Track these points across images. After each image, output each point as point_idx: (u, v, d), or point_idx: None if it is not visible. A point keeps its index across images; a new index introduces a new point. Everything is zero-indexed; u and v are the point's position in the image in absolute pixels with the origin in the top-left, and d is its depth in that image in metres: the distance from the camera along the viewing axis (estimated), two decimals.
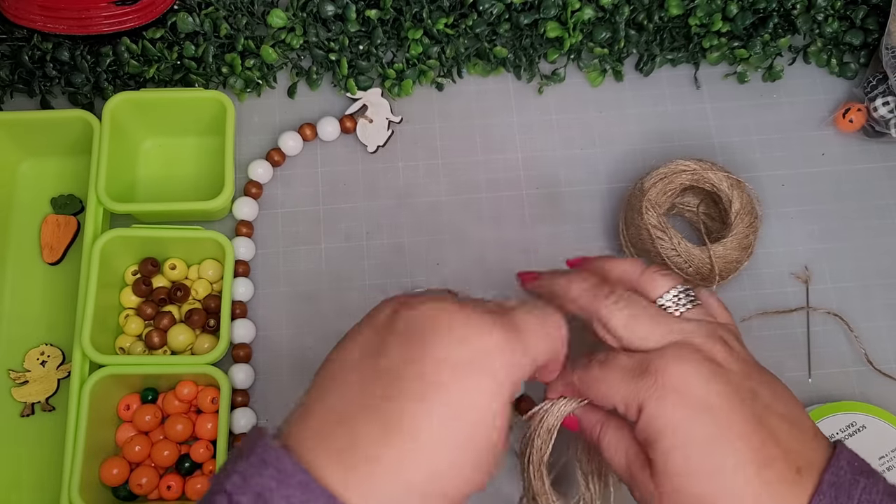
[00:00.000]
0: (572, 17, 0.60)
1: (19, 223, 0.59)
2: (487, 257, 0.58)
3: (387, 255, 0.59)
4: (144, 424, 0.53)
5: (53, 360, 0.56)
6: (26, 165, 0.60)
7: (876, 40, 0.61)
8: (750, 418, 0.35)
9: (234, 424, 0.53)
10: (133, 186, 0.60)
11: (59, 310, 0.57)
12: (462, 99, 0.63)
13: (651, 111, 0.62)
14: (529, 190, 0.60)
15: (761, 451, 0.34)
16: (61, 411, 0.54)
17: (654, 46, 0.62)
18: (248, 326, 0.56)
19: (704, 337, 0.37)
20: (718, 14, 0.60)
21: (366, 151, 0.61)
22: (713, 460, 0.34)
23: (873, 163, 0.61)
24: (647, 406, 0.35)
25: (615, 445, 0.38)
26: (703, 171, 0.54)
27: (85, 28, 0.58)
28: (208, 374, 0.52)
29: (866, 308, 0.57)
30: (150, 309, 0.56)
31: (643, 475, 0.36)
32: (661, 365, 0.36)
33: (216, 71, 0.61)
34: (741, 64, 0.62)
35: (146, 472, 0.52)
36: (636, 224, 0.54)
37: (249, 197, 0.59)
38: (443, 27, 0.60)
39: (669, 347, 0.37)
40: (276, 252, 0.59)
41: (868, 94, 0.60)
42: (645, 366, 0.36)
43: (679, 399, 0.35)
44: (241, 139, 0.61)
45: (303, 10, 0.61)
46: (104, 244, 0.53)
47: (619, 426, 0.38)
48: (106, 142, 0.55)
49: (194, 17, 0.60)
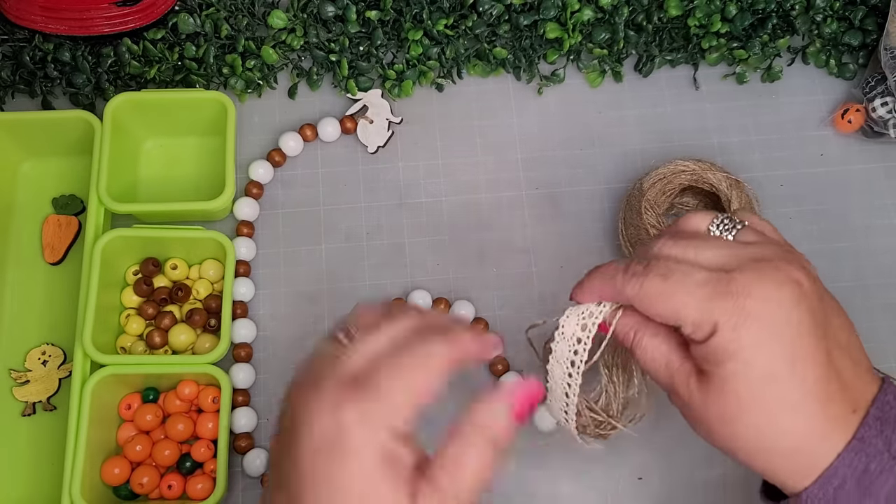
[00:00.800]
0: (572, 17, 0.60)
1: (21, 223, 0.59)
2: (487, 257, 0.59)
3: (387, 255, 0.59)
4: (145, 424, 0.53)
5: (55, 359, 0.56)
6: (28, 166, 0.60)
7: (874, 41, 0.61)
8: (822, 352, 0.33)
9: (234, 424, 0.53)
10: (134, 187, 0.60)
11: (60, 310, 0.57)
12: (462, 100, 0.63)
13: (650, 112, 0.62)
14: (529, 190, 0.60)
15: (827, 386, 0.33)
16: (62, 411, 0.55)
17: (654, 47, 0.62)
18: (249, 326, 0.56)
19: (781, 257, 0.35)
20: (717, 15, 0.60)
21: (366, 152, 0.61)
22: (780, 391, 0.33)
23: (872, 163, 0.61)
24: (722, 328, 0.33)
25: (653, 352, 0.36)
26: (702, 172, 0.54)
27: (86, 29, 0.59)
28: (209, 373, 0.52)
29: (866, 308, 0.57)
30: (152, 309, 0.56)
31: (689, 385, 0.35)
32: (743, 284, 0.33)
33: (217, 71, 0.61)
34: (740, 64, 0.62)
35: (147, 471, 0.52)
36: (635, 224, 0.54)
37: (250, 197, 0.59)
38: (443, 28, 0.60)
39: (749, 265, 0.34)
40: (276, 252, 0.59)
41: (867, 95, 0.60)
42: (725, 285, 0.33)
43: (760, 326, 0.33)
44: (242, 139, 0.61)
45: (303, 11, 0.61)
46: (105, 244, 0.53)
47: (656, 333, 0.36)
48: (107, 142, 0.55)
49: (195, 18, 0.60)
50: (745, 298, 0.33)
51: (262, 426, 0.55)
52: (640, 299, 0.35)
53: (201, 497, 0.51)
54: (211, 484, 0.52)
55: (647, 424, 0.54)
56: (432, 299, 0.57)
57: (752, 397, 0.33)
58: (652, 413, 0.39)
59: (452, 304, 0.57)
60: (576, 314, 0.38)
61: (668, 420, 0.54)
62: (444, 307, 0.56)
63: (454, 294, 0.57)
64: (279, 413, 0.34)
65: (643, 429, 0.54)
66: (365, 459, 0.30)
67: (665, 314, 0.34)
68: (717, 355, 0.33)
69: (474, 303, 0.57)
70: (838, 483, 0.33)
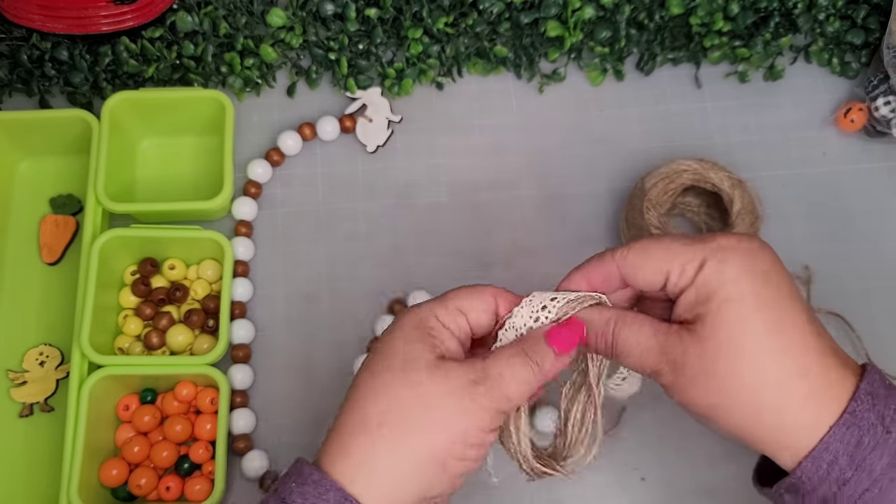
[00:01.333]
0: (573, 16, 0.60)
1: (18, 223, 0.59)
2: (487, 257, 0.58)
3: (386, 255, 0.58)
4: (143, 425, 0.53)
5: (52, 360, 0.56)
6: (25, 165, 0.60)
7: (877, 40, 0.61)
8: (807, 311, 0.34)
9: (233, 425, 0.53)
10: (132, 186, 0.60)
11: (57, 310, 0.57)
12: (462, 98, 0.62)
13: (652, 110, 0.62)
14: (530, 190, 0.60)
15: (821, 338, 0.34)
16: (60, 412, 0.54)
17: (655, 45, 0.62)
18: (248, 327, 0.56)
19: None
20: (719, 13, 0.60)
21: (365, 151, 0.61)
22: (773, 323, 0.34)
23: (874, 162, 0.61)
24: (709, 261, 0.34)
25: (636, 335, 0.36)
26: (704, 171, 0.54)
27: (84, 27, 0.58)
28: (207, 374, 0.52)
29: (867, 308, 0.57)
30: (149, 309, 0.55)
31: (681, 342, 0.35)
32: (725, 237, 0.35)
33: (215, 70, 0.61)
34: (742, 63, 0.62)
35: (145, 472, 0.52)
36: (637, 224, 0.54)
37: (249, 197, 0.59)
38: (443, 26, 0.60)
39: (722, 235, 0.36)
40: (275, 252, 0.59)
41: (869, 94, 0.59)
42: (707, 238, 0.36)
43: (745, 258, 0.34)
44: (241, 139, 0.61)
45: (302, 9, 0.61)
46: (103, 244, 0.53)
47: (634, 319, 0.37)
48: (105, 141, 0.55)
49: (193, 17, 0.60)
50: (727, 241, 0.35)
51: (260, 427, 0.54)
52: (629, 261, 0.37)
53: (199, 499, 0.51)
54: (209, 485, 0.51)
55: (650, 425, 0.54)
56: None
57: (745, 326, 0.34)
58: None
59: None
60: (529, 306, 0.38)
61: (670, 421, 0.54)
62: None
63: None
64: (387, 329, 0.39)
65: (646, 429, 0.54)
66: (405, 325, 0.37)
67: (654, 266, 0.36)
68: (707, 288, 0.34)
69: None
70: (831, 458, 0.33)
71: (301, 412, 0.55)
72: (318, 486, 0.34)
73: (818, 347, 0.34)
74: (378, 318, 0.56)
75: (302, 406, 0.55)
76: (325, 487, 0.34)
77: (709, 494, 0.53)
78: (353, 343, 0.56)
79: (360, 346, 0.56)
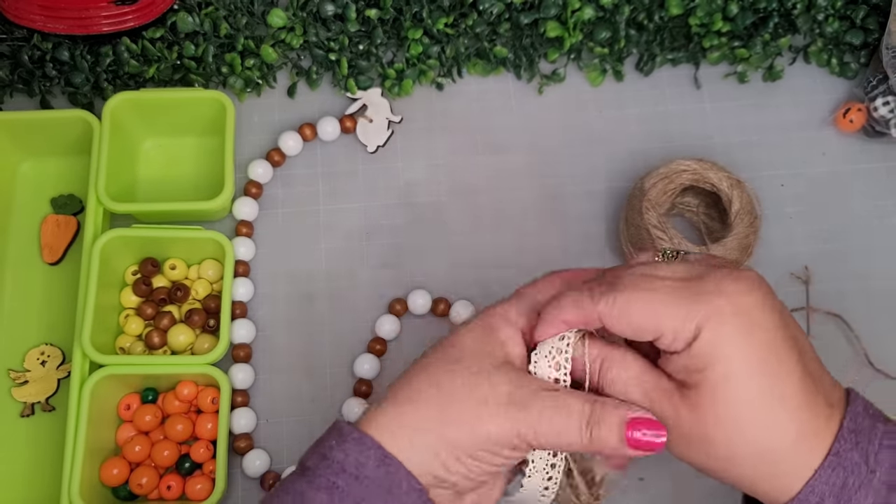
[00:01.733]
0: (572, 16, 0.60)
1: (19, 223, 0.59)
2: (487, 257, 0.58)
3: (386, 255, 0.59)
4: (144, 424, 0.53)
5: (53, 360, 0.56)
6: (26, 165, 0.60)
7: (876, 40, 0.61)
8: (797, 351, 0.34)
9: (233, 424, 0.53)
10: (133, 186, 0.60)
11: (59, 310, 0.57)
12: (462, 99, 0.63)
13: (651, 111, 0.62)
14: (529, 190, 0.60)
15: (806, 383, 0.33)
16: (61, 411, 0.54)
17: (655, 46, 0.62)
18: (248, 326, 0.56)
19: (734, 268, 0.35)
20: (719, 14, 0.60)
21: (366, 151, 0.61)
22: (769, 389, 0.33)
23: (874, 163, 0.61)
24: (704, 332, 0.33)
25: (626, 378, 0.35)
26: (703, 171, 0.54)
27: (85, 28, 0.58)
28: (208, 374, 0.52)
29: (866, 308, 0.57)
30: (151, 309, 0.55)
31: (672, 403, 0.34)
32: (715, 283, 0.33)
33: (216, 71, 0.61)
34: (741, 64, 0.62)
35: (146, 472, 0.52)
36: (636, 224, 0.54)
37: (249, 197, 0.59)
38: (443, 27, 0.60)
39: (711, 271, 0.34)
40: (276, 252, 0.59)
41: (868, 94, 0.60)
42: (697, 285, 0.33)
43: (741, 324, 0.33)
44: (241, 139, 0.61)
45: (303, 9, 0.61)
46: (104, 244, 0.53)
47: (623, 358, 0.36)
48: (106, 142, 0.55)
49: (194, 17, 0.60)
50: (719, 297, 0.33)
51: (261, 427, 0.54)
52: (614, 315, 0.34)
53: (200, 498, 0.51)
54: (210, 485, 0.52)
55: None
56: (432, 299, 0.57)
57: (745, 398, 0.33)
58: None
59: (452, 304, 0.57)
60: (543, 355, 0.36)
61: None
62: (444, 307, 0.56)
63: (454, 294, 0.57)
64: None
65: None
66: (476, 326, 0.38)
67: (643, 324, 0.34)
68: (702, 360, 0.33)
69: (474, 303, 0.57)
70: (817, 500, 0.33)
71: (302, 411, 0.55)
72: (358, 444, 0.35)
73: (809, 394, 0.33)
74: (378, 318, 0.56)
75: (302, 405, 0.55)
76: (367, 445, 0.35)
77: (708, 494, 0.53)
78: (353, 343, 0.56)
79: (361, 346, 0.56)
